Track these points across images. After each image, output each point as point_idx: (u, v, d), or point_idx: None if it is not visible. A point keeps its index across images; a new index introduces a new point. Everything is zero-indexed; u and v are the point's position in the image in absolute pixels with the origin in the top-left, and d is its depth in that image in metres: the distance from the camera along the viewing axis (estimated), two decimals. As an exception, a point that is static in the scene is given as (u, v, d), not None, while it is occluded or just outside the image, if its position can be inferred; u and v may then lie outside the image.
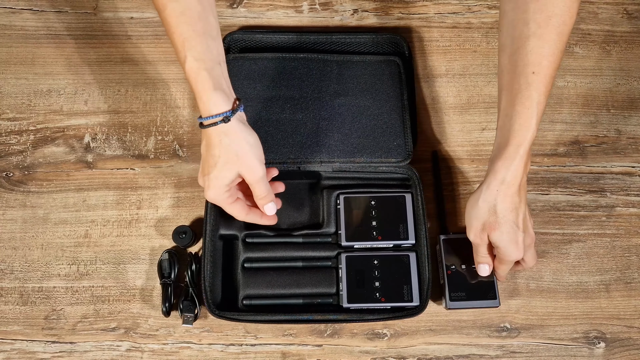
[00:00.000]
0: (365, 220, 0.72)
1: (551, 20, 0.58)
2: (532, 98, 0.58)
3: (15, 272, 0.73)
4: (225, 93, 0.60)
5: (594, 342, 0.71)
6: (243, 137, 0.61)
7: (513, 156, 0.59)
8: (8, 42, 0.83)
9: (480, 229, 0.63)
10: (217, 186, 0.63)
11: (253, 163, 0.62)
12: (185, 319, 0.69)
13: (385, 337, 0.71)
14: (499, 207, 0.61)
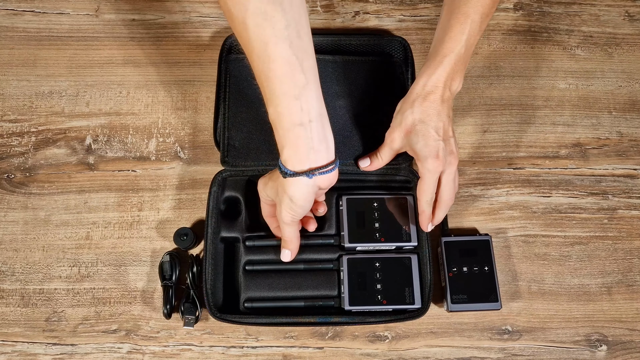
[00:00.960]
0: (367, 222, 0.71)
1: None
2: (467, 15, 0.61)
3: (16, 274, 0.73)
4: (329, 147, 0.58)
5: (596, 345, 0.71)
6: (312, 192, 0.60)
7: (436, 65, 0.62)
8: (10, 43, 0.83)
9: (399, 129, 0.64)
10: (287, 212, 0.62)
11: (282, 211, 0.62)
12: (187, 321, 0.69)
13: (387, 340, 0.71)
14: (416, 110, 0.63)
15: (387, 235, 0.70)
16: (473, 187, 0.77)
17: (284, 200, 0.60)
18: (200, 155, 0.78)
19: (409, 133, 0.64)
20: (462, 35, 0.61)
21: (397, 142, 0.66)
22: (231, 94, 0.76)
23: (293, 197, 0.59)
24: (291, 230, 0.65)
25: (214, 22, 0.85)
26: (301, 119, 0.54)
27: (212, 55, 0.82)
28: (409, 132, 0.64)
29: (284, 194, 0.60)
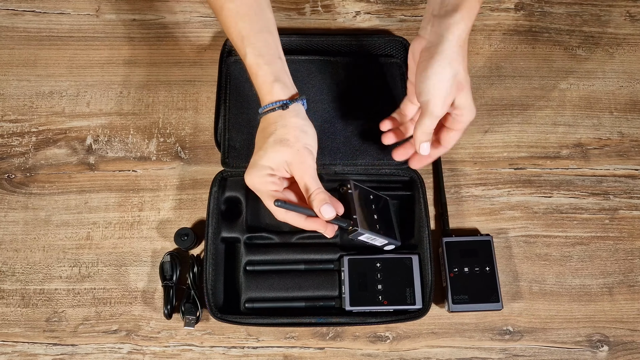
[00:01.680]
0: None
1: None
2: None
3: (16, 274, 0.73)
4: (286, 85, 0.62)
5: (597, 346, 0.71)
6: (298, 125, 0.60)
7: (472, 8, 0.58)
8: (10, 43, 0.83)
9: (446, 96, 0.58)
10: (259, 166, 0.59)
11: (302, 150, 0.59)
12: (187, 322, 0.69)
13: (388, 340, 0.71)
14: (462, 68, 0.58)
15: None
16: (474, 187, 0.77)
17: (298, 136, 0.59)
18: (200, 155, 0.78)
19: (460, 91, 0.58)
20: None
21: (446, 108, 0.59)
22: (231, 96, 0.76)
23: (303, 125, 0.60)
24: (316, 175, 0.60)
25: (215, 22, 0.85)
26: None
27: (213, 55, 0.82)
28: (460, 91, 0.58)
29: (297, 132, 0.59)
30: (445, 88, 0.57)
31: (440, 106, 0.58)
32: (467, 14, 0.57)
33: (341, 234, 0.73)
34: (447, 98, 0.58)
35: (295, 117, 0.61)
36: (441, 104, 0.58)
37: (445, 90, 0.58)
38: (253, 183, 0.61)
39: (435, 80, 0.57)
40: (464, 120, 0.61)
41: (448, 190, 0.77)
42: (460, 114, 0.61)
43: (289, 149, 0.59)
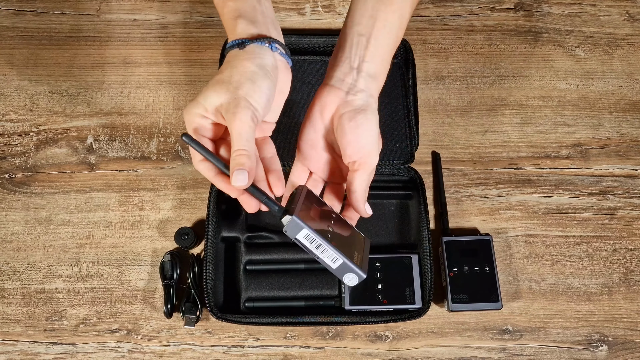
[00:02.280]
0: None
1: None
2: (406, 19, 0.58)
3: (17, 273, 0.73)
4: (253, 22, 0.54)
5: (597, 345, 0.71)
6: (248, 71, 0.51)
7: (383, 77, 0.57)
8: (11, 43, 0.83)
9: (376, 154, 0.55)
10: (195, 102, 0.51)
11: (240, 101, 0.49)
12: (187, 321, 0.69)
13: (388, 340, 0.71)
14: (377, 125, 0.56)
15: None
16: (474, 187, 0.78)
17: (243, 83, 0.49)
18: (201, 155, 0.78)
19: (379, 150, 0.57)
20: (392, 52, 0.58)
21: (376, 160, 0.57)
22: (232, 94, 0.76)
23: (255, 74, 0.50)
24: (251, 135, 0.49)
25: (215, 22, 0.85)
26: None
27: (213, 55, 0.82)
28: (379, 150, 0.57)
29: (242, 78, 0.50)
30: (377, 141, 0.56)
31: (374, 158, 0.55)
32: (383, 81, 0.57)
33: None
34: (378, 150, 0.56)
35: (247, 60, 0.51)
36: (374, 156, 0.55)
37: (378, 142, 0.56)
38: (185, 117, 0.52)
39: (370, 135, 0.55)
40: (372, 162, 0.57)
41: (448, 190, 0.77)
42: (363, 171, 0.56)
43: (225, 94, 0.49)
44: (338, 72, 0.56)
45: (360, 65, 0.55)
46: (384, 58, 0.57)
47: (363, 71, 0.55)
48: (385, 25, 0.56)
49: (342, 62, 0.56)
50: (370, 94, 0.56)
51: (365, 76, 0.55)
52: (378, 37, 0.56)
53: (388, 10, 0.57)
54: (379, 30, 0.56)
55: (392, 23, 0.57)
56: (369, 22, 0.56)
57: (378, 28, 0.56)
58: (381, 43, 0.56)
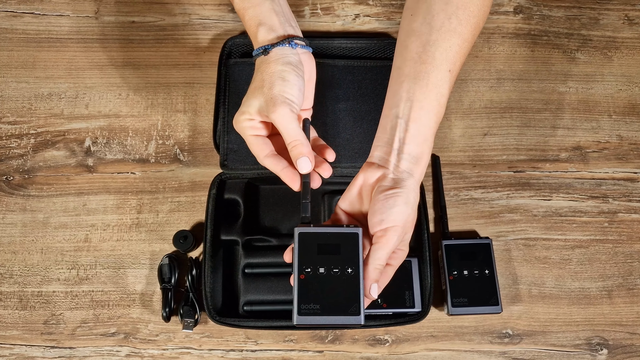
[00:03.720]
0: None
1: (471, 20, 0.58)
2: (445, 96, 0.58)
3: (14, 276, 0.73)
4: (273, 28, 0.60)
5: (597, 349, 0.71)
6: (275, 71, 0.58)
7: (428, 158, 0.57)
8: (9, 45, 0.83)
9: (405, 228, 0.55)
10: (240, 111, 0.59)
11: (276, 98, 0.56)
12: (186, 325, 0.69)
13: (387, 343, 0.71)
14: (416, 206, 0.56)
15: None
16: (473, 190, 0.77)
17: (274, 82, 0.57)
18: (199, 157, 0.78)
19: (410, 230, 0.56)
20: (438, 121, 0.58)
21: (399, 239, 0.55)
22: (231, 98, 0.76)
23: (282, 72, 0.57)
24: (295, 125, 0.57)
25: (214, 24, 0.85)
26: None
27: (212, 57, 0.82)
28: (410, 229, 0.56)
29: (272, 78, 0.57)
30: (407, 217, 0.54)
31: (399, 235, 0.54)
32: (426, 163, 0.57)
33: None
34: (407, 227, 0.55)
35: (274, 62, 0.58)
36: (402, 232, 0.54)
37: (407, 219, 0.54)
38: (235, 127, 0.60)
39: (402, 209, 0.54)
40: (402, 256, 0.57)
41: (447, 193, 0.77)
42: (401, 249, 0.57)
43: (263, 97, 0.57)
44: (380, 151, 0.57)
45: (401, 148, 0.56)
46: (426, 138, 0.57)
47: (404, 153, 0.56)
48: (422, 107, 0.57)
49: (384, 143, 0.57)
50: (411, 175, 0.56)
51: (407, 157, 0.56)
52: (417, 119, 0.57)
53: (424, 92, 0.57)
54: (417, 113, 0.57)
55: (430, 104, 0.57)
56: (406, 105, 0.57)
57: (415, 110, 0.57)
58: (421, 124, 0.57)
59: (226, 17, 0.85)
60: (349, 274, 0.53)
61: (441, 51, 0.57)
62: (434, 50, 0.57)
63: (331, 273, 0.53)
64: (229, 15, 0.85)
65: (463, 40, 0.58)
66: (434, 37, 0.58)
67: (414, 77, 0.57)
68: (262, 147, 0.59)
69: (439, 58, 0.57)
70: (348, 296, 0.52)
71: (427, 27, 0.58)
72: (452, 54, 0.57)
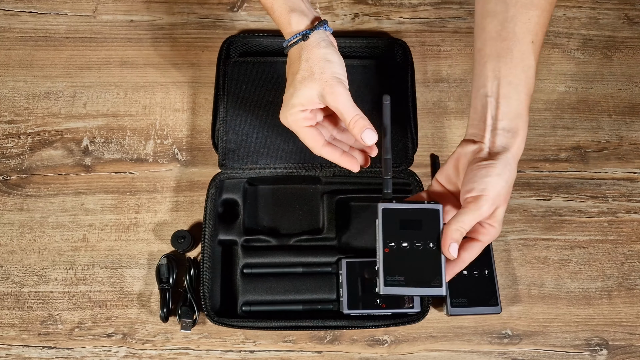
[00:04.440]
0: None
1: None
2: (533, 67, 0.58)
3: (11, 276, 0.72)
4: (304, 13, 0.61)
5: (596, 349, 0.71)
6: (321, 55, 0.59)
7: (525, 131, 0.58)
8: (7, 44, 0.83)
9: (494, 201, 0.54)
10: (290, 105, 0.60)
11: (331, 80, 0.58)
12: (184, 325, 0.68)
13: (386, 344, 0.70)
14: (513, 181, 0.56)
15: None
16: (473, 190, 0.77)
17: (324, 67, 0.59)
18: (198, 157, 0.78)
19: (503, 205, 0.56)
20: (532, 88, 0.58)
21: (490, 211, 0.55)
22: (229, 97, 0.76)
23: (327, 54, 0.59)
24: (352, 101, 0.60)
25: (212, 23, 0.84)
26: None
27: (210, 56, 0.81)
28: (503, 204, 0.56)
29: (321, 63, 0.59)
30: (500, 189, 0.55)
31: (490, 204, 0.54)
32: (524, 135, 0.58)
33: (338, 238, 0.73)
34: (497, 199, 0.55)
35: (317, 47, 0.60)
36: (491, 202, 0.54)
37: (499, 191, 0.54)
38: (287, 122, 0.61)
39: (494, 179, 0.54)
40: (493, 233, 0.57)
41: (446, 193, 0.77)
42: (492, 225, 0.56)
43: (316, 83, 0.59)
44: (475, 129, 0.58)
45: (494, 124, 0.57)
46: (519, 112, 0.58)
47: (498, 129, 0.57)
48: (510, 82, 0.57)
49: (478, 122, 0.58)
50: (507, 149, 0.56)
51: (501, 133, 0.57)
52: (506, 95, 0.57)
53: (509, 68, 0.58)
54: (505, 89, 0.57)
55: (518, 77, 0.58)
56: (493, 83, 0.58)
57: (504, 87, 0.58)
58: (512, 99, 0.57)
59: (225, 16, 0.85)
60: (430, 248, 0.55)
61: (520, 25, 0.58)
62: (513, 26, 0.58)
63: (414, 247, 0.55)
64: (228, 14, 0.85)
65: (541, 10, 0.58)
66: (510, 13, 0.58)
67: (497, 55, 0.58)
68: (318, 138, 0.62)
69: (519, 32, 0.58)
70: (430, 269, 0.55)
71: (502, 5, 0.59)
72: (532, 26, 0.58)
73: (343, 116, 0.59)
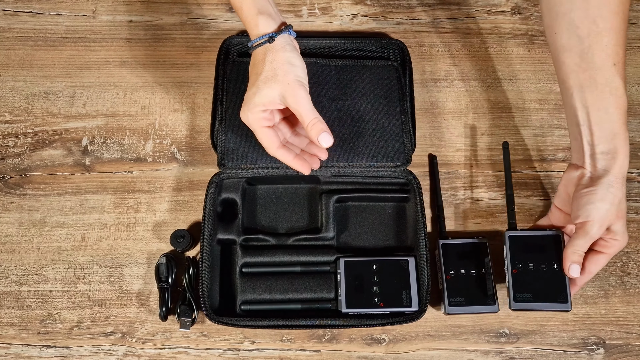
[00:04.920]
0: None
1: (617, 10, 0.60)
2: (621, 86, 0.60)
3: (11, 275, 0.72)
4: (272, 17, 0.63)
5: (593, 348, 0.71)
6: (286, 58, 0.61)
7: (627, 143, 0.61)
8: (6, 44, 0.83)
9: (604, 221, 0.61)
10: (252, 103, 0.62)
11: (293, 83, 0.60)
12: (183, 324, 0.68)
13: (384, 343, 0.71)
14: (622, 197, 0.61)
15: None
16: (470, 190, 0.77)
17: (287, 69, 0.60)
18: (197, 157, 0.78)
19: (619, 219, 0.61)
20: (625, 106, 0.61)
21: (602, 231, 0.62)
22: (229, 97, 0.76)
23: (291, 58, 0.61)
24: (312, 105, 0.62)
25: (212, 23, 0.85)
26: None
27: (210, 57, 0.82)
28: (619, 219, 0.61)
29: (285, 66, 0.60)
30: (605, 212, 0.61)
31: (597, 228, 0.61)
32: (626, 152, 0.61)
33: (337, 237, 0.73)
34: (605, 221, 0.61)
35: (281, 50, 0.62)
36: (598, 226, 0.61)
37: (604, 214, 0.61)
38: (247, 120, 0.63)
39: (597, 205, 0.60)
40: (617, 245, 0.63)
41: (444, 192, 0.77)
42: (614, 239, 0.63)
43: (279, 84, 0.60)
44: (577, 156, 0.64)
45: (592, 150, 0.62)
46: (615, 133, 0.61)
47: (597, 153, 0.62)
48: (599, 108, 0.61)
49: (577, 150, 0.63)
50: (608, 171, 0.61)
51: (600, 157, 0.61)
52: (598, 122, 0.61)
53: (595, 95, 0.61)
54: (595, 115, 0.61)
55: (606, 102, 0.60)
56: (582, 112, 0.62)
57: (593, 114, 0.61)
58: (604, 123, 0.61)
59: (224, 16, 0.85)
60: (554, 269, 0.66)
61: (599, 53, 0.60)
62: (592, 56, 0.60)
63: (539, 268, 0.66)
64: (227, 14, 0.85)
65: (616, 32, 0.60)
66: (586, 44, 0.61)
67: (580, 86, 0.61)
68: (274, 139, 0.64)
69: (598, 61, 0.60)
70: (556, 287, 0.65)
71: (575, 39, 0.61)
72: (610, 50, 0.60)
73: (302, 118, 0.61)
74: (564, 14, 0.62)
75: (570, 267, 0.62)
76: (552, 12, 0.64)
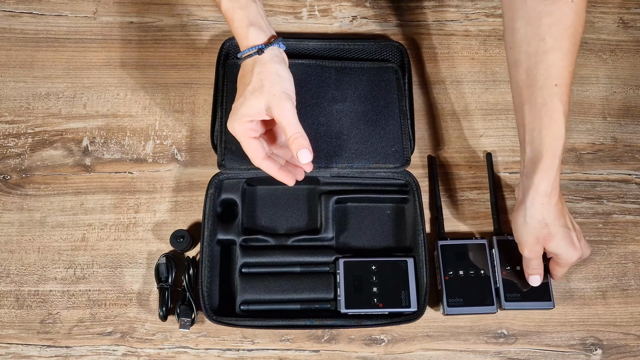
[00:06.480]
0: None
1: (567, 32, 0.60)
2: (558, 109, 0.60)
3: (11, 275, 0.73)
4: (262, 29, 0.63)
5: (591, 349, 0.71)
6: (274, 70, 0.62)
7: (550, 168, 0.60)
8: (7, 45, 0.83)
9: (534, 244, 0.63)
10: (239, 114, 0.62)
11: (280, 95, 0.60)
12: (182, 324, 0.69)
13: (383, 343, 0.71)
14: (549, 219, 0.61)
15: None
16: (469, 191, 0.78)
17: (274, 81, 0.61)
18: (197, 157, 0.78)
19: (549, 242, 0.63)
20: (562, 130, 0.59)
21: (540, 251, 0.65)
22: (228, 98, 0.76)
23: (279, 70, 0.61)
24: (297, 119, 0.61)
25: (212, 25, 0.85)
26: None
27: (210, 58, 0.82)
28: (548, 241, 0.63)
29: (272, 77, 0.61)
30: (529, 238, 0.63)
31: (527, 252, 0.64)
32: (545, 175, 0.60)
33: (336, 238, 0.74)
34: (534, 247, 0.63)
35: (270, 62, 0.62)
36: (527, 250, 0.64)
37: (526, 239, 0.63)
38: (234, 130, 0.63)
39: (521, 231, 0.63)
40: (563, 262, 0.66)
41: (443, 193, 0.77)
42: (557, 257, 0.65)
43: (266, 96, 0.61)
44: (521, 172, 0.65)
45: (522, 170, 0.64)
46: (541, 156, 0.60)
47: (523, 175, 0.63)
48: (534, 128, 0.61)
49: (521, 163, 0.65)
50: (526, 194, 0.62)
51: (524, 179, 0.63)
52: (530, 141, 0.62)
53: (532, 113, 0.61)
54: (529, 135, 0.62)
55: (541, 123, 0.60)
56: (521, 130, 0.63)
57: (528, 133, 0.62)
58: (534, 143, 0.61)
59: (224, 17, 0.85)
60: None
61: (542, 72, 0.60)
62: (535, 73, 0.61)
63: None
64: (227, 16, 0.86)
65: (563, 53, 0.60)
66: (532, 62, 0.61)
67: (522, 103, 0.62)
68: (260, 150, 0.63)
69: (540, 79, 0.60)
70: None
71: (524, 55, 0.62)
72: (554, 70, 0.60)
73: (285, 130, 0.61)
74: (517, 29, 0.62)
75: (529, 278, 0.67)
76: (509, 26, 0.64)
